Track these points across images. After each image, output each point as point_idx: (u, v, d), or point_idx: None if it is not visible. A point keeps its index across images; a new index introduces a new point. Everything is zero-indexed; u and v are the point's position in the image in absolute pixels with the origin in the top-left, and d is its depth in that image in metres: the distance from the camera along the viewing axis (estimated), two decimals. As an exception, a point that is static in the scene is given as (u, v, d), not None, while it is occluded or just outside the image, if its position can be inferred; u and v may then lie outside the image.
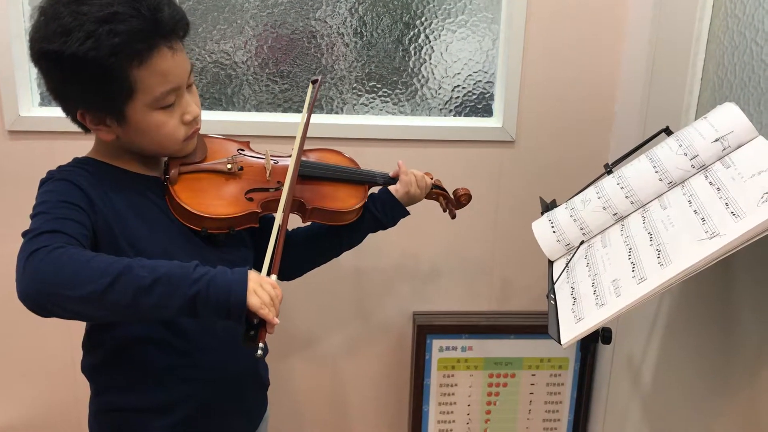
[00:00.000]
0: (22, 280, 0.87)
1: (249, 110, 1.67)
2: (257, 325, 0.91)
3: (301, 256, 1.30)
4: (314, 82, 1.27)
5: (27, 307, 0.88)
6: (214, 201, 1.10)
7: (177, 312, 0.90)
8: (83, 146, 1.10)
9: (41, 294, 0.86)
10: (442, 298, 1.81)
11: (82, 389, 1.76)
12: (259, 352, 0.90)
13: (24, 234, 0.91)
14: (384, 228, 1.30)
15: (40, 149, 1.59)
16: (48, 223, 0.91)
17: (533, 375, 1.83)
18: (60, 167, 1.04)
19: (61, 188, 0.98)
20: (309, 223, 1.27)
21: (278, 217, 1.07)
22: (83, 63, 0.93)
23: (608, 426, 1.74)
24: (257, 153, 1.21)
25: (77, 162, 1.06)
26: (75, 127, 1.06)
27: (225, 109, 1.66)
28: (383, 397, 1.89)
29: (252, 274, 0.93)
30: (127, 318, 0.97)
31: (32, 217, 0.94)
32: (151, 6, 0.96)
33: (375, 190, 1.31)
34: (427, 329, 1.78)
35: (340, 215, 1.22)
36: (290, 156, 1.18)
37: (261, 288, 0.92)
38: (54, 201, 0.95)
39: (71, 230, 0.92)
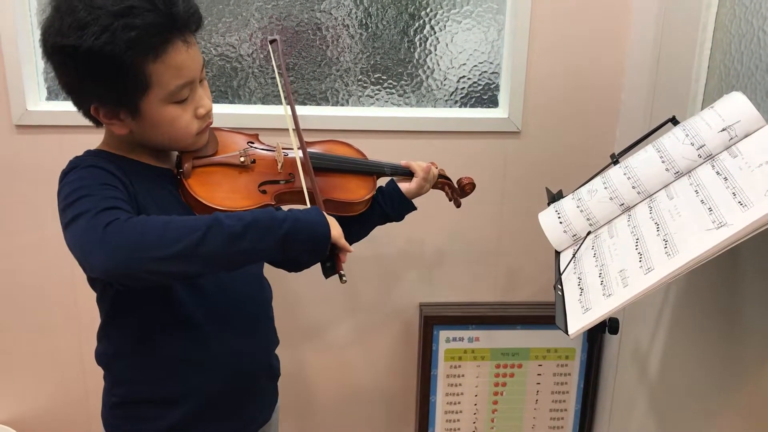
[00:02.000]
0: (105, 253, 0.87)
1: (255, 103, 1.67)
2: (331, 256, 1.02)
3: None
4: (272, 42, 1.27)
5: (113, 280, 0.90)
6: (229, 194, 1.10)
7: (269, 253, 0.97)
8: (91, 140, 1.11)
9: (132, 261, 0.87)
10: (449, 289, 1.82)
11: (91, 381, 1.78)
12: (344, 277, 1.01)
13: (74, 218, 0.91)
14: (390, 221, 1.32)
15: (48, 143, 1.59)
16: (102, 202, 0.92)
17: (540, 365, 1.84)
18: (78, 157, 1.04)
19: (95, 174, 0.98)
20: None
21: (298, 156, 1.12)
22: (99, 57, 0.93)
23: (615, 416, 1.75)
24: (268, 146, 1.22)
25: (92, 153, 1.07)
26: (82, 121, 1.06)
27: (231, 102, 1.66)
28: (391, 388, 1.90)
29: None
30: (219, 268, 0.98)
31: (71, 204, 0.93)
32: (166, 0, 0.96)
33: (383, 180, 1.32)
34: (433, 320, 1.78)
35: (351, 206, 1.23)
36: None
37: (332, 222, 1.00)
38: (95, 185, 0.96)
39: (124, 206, 0.94)
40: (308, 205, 1.10)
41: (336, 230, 1.00)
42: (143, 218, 0.90)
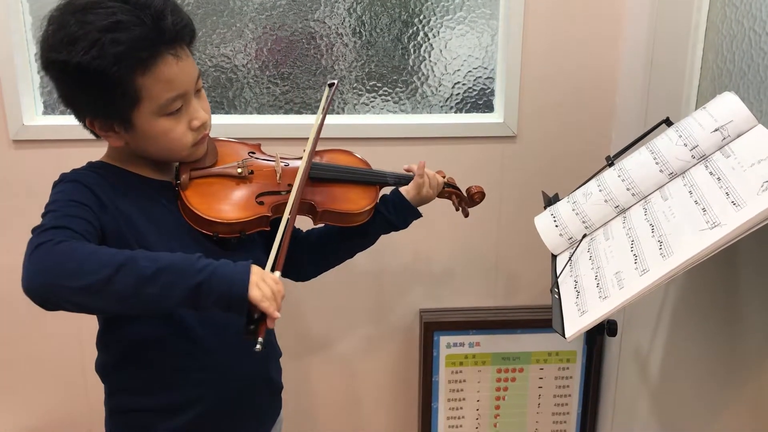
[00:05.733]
0: (26, 273, 0.88)
1: (251, 113, 1.68)
2: (258, 319, 0.92)
3: (314, 258, 1.31)
4: (331, 85, 1.26)
5: (32, 300, 0.89)
6: (225, 206, 1.10)
7: (179, 302, 0.90)
8: (88, 153, 1.11)
9: (44, 286, 0.87)
10: (448, 294, 1.82)
11: (93, 394, 1.78)
12: (258, 346, 0.90)
13: (32, 231, 0.93)
14: (396, 230, 1.30)
15: (45, 158, 1.60)
16: (55, 220, 0.92)
17: (541, 369, 1.84)
18: (74, 170, 1.05)
19: (71, 189, 0.99)
20: (322, 225, 1.27)
21: (285, 215, 1.07)
22: (88, 72, 0.94)
23: (617, 418, 1.75)
24: (267, 156, 1.21)
25: (90, 165, 1.08)
26: (80, 135, 1.07)
27: (227, 113, 1.67)
28: (393, 395, 1.90)
29: (255, 268, 0.93)
30: (130, 309, 0.96)
31: (42, 216, 0.95)
32: (154, 14, 0.96)
33: (386, 190, 1.31)
34: (434, 326, 1.78)
35: (351, 217, 1.22)
36: (301, 158, 1.18)
37: (263, 281, 0.92)
38: (64, 200, 0.96)
39: (78, 227, 0.93)
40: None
41: (261, 291, 0.91)
42: (73, 244, 0.89)
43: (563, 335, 0.99)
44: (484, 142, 1.70)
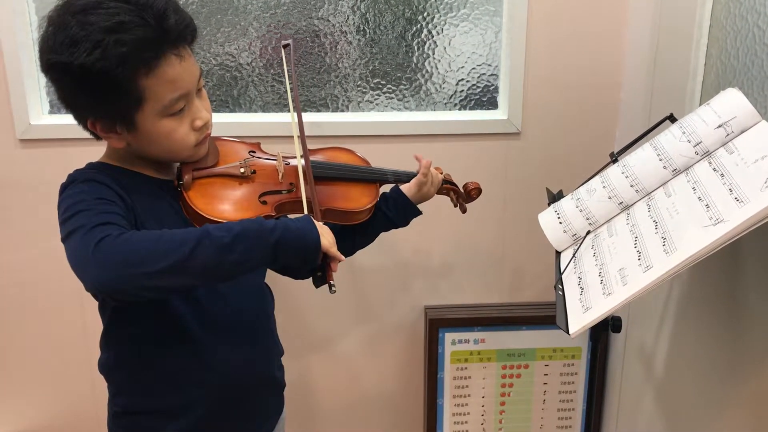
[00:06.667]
0: (95, 270, 0.88)
1: (255, 111, 1.68)
2: (323, 266, 1.01)
3: None
4: (286, 46, 1.25)
5: (105, 294, 0.91)
6: (229, 206, 1.10)
7: (258, 263, 0.96)
8: (95, 152, 1.12)
9: (122, 277, 0.88)
10: (453, 291, 1.82)
11: (99, 393, 1.79)
12: (334, 288, 0.99)
13: (70, 233, 0.92)
14: (396, 227, 1.31)
15: (51, 157, 1.61)
16: (96, 218, 0.92)
17: (546, 365, 1.84)
18: (78, 171, 1.05)
19: (92, 188, 0.99)
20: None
21: (300, 165, 1.11)
22: (91, 73, 0.93)
23: (622, 413, 1.75)
24: (269, 155, 1.21)
25: (93, 166, 1.07)
26: (85, 134, 1.07)
27: (232, 111, 1.67)
28: (398, 393, 1.90)
29: (313, 220, 1.01)
30: (211, 280, 1.00)
31: (68, 218, 0.94)
32: (157, 14, 0.96)
33: (386, 188, 1.32)
34: (439, 323, 1.79)
35: (352, 215, 1.22)
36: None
37: (323, 231, 1.00)
38: (90, 199, 0.96)
39: (119, 221, 0.94)
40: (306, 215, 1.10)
41: (327, 239, 0.99)
42: (134, 234, 0.91)
43: (567, 332, 1.00)
44: (488, 139, 1.71)
